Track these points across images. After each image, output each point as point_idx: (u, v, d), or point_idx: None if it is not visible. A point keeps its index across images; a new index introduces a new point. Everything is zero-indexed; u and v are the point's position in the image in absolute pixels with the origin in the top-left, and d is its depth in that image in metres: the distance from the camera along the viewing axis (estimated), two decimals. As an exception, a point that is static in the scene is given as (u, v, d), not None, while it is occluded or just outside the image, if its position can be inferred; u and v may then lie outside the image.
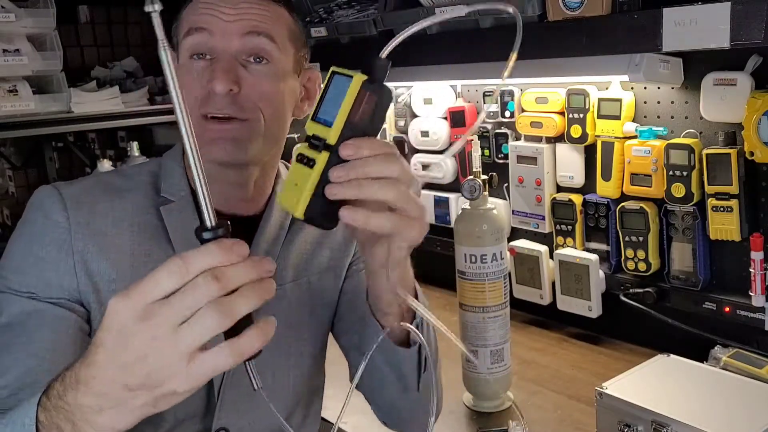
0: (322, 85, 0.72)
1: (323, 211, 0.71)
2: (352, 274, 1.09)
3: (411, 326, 0.89)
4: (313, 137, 0.71)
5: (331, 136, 0.69)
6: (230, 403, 0.96)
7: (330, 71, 0.72)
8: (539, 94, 1.62)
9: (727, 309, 1.37)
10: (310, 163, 0.70)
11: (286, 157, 1.89)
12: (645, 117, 1.48)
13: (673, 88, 1.42)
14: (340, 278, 1.07)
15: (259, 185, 1.00)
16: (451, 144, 1.89)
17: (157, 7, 0.61)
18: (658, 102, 1.46)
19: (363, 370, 0.90)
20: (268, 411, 0.98)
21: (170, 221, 0.95)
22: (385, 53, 0.70)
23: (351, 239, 1.08)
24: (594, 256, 1.54)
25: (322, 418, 1.34)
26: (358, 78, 0.69)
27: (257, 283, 0.58)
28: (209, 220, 0.61)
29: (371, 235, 0.80)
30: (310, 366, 1.06)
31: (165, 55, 0.61)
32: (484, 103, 1.77)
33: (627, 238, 1.51)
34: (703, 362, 1.23)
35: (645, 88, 1.47)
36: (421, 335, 0.89)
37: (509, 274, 1.54)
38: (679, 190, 1.39)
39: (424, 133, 1.92)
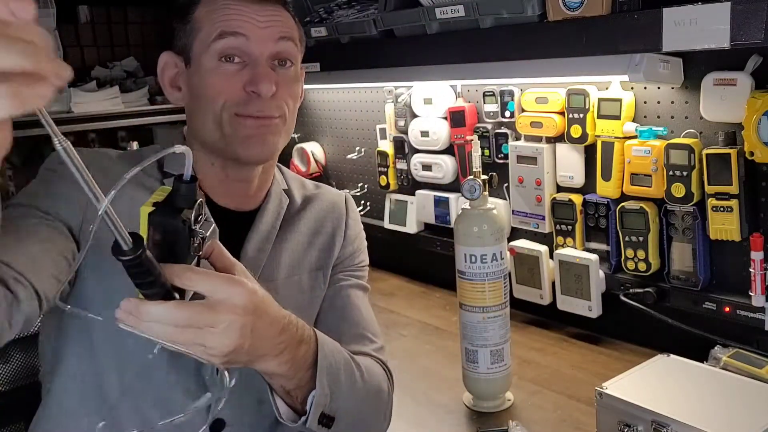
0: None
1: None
2: (334, 282, 1.12)
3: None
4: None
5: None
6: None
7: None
8: (539, 94, 1.62)
9: (727, 309, 1.37)
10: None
11: (285, 158, 1.88)
12: (645, 117, 1.48)
13: (673, 88, 1.42)
14: (326, 278, 1.11)
15: (260, 182, 1.05)
16: (451, 144, 1.89)
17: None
18: (658, 102, 1.46)
19: None
20: (263, 403, 1.00)
21: None
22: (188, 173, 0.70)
23: (336, 242, 1.13)
24: (594, 256, 1.54)
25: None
26: (143, 209, 0.69)
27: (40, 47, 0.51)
28: None
29: None
30: None
31: (65, 149, 0.61)
32: (485, 103, 1.77)
33: (627, 238, 1.51)
34: (703, 362, 1.23)
35: (645, 88, 1.47)
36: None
37: (509, 274, 1.54)
38: (679, 190, 1.39)
39: (424, 133, 1.92)
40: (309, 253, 1.09)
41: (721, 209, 1.34)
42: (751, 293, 1.32)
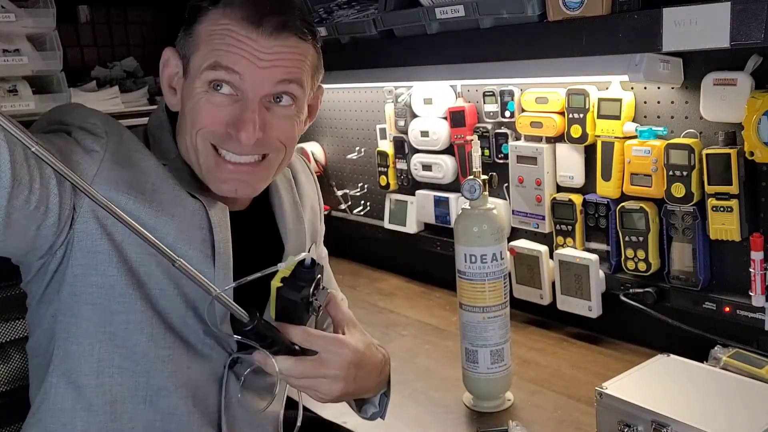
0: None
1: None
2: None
3: None
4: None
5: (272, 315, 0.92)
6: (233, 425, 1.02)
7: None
8: (539, 94, 1.62)
9: (727, 309, 1.37)
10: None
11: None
12: (645, 117, 1.48)
13: (673, 88, 1.42)
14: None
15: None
16: (451, 144, 1.89)
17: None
18: (658, 102, 1.46)
19: None
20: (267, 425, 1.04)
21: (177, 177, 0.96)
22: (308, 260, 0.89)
23: (318, 211, 1.20)
24: (594, 256, 1.54)
25: (323, 418, 1.34)
26: (273, 284, 0.89)
27: None
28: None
29: None
30: None
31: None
32: (485, 103, 1.77)
33: (627, 238, 1.51)
34: (703, 362, 1.23)
35: (645, 88, 1.47)
36: None
37: (509, 274, 1.54)
38: (679, 190, 1.39)
39: (424, 133, 1.92)
40: (309, 225, 1.14)
41: (721, 209, 1.34)
42: (751, 293, 1.32)
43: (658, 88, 1.44)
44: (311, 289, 0.89)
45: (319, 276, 0.89)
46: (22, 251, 0.87)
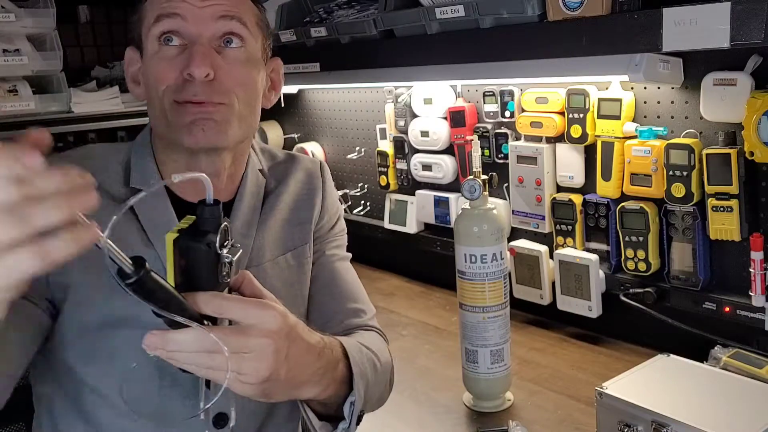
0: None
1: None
2: (317, 257, 1.12)
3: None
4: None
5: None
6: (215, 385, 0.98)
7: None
8: (539, 94, 1.62)
9: (727, 309, 1.37)
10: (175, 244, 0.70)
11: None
12: (645, 117, 1.49)
13: (673, 88, 1.42)
14: (311, 250, 1.11)
15: (230, 174, 1.02)
16: (451, 144, 1.89)
17: None
18: (658, 102, 1.46)
19: None
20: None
21: (141, 211, 0.96)
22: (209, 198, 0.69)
23: (314, 212, 1.12)
24: (594, 256, 1.54)
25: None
26: (168, 236, 0.69)
27: (66, 193, 0.51)
28: None
29: None
30: None
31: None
32: (485, 103, 1.77)
33: (627, 238, 1.51)
34: (703, 362, 1.23)
35: (645, 88, 1.47)
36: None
37: (509, 274, 1.54)
38: (679, 190, 1.39)
39: (424, 133, 1.92)
40: (291, 229, 1.08)
41: (721, 209, 1.34)
42: (751, 293, 1.32)
43: (658, 88, 1.44)
44: (218, 236, 0.69)
45: (226, 223, 0.71)
46: None
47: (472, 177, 1.27)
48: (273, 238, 1.05)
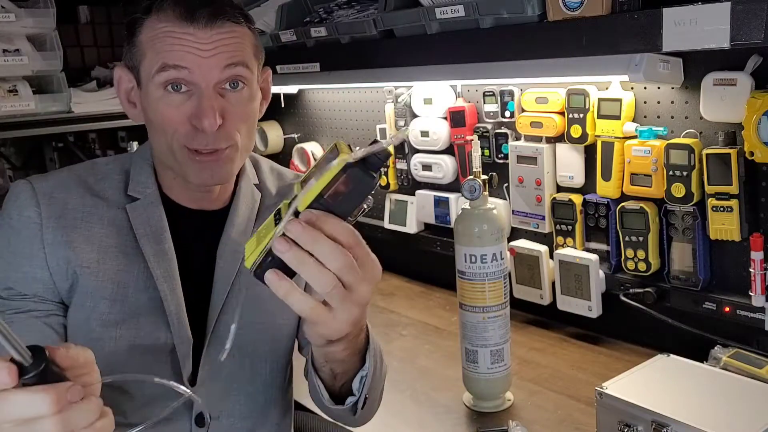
0: (323, 153, 0.70)
1: (268, 267, 0.69)
2: None
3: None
4: (293, 198, 0.70)
5: (302, 202, 0.68)
6: (207, 389, 0.99)
7: (333, 143, 0.71)
8: (539, 94, 1.62)
9: (727, 309, 1.37)
10: (277, 221, 0.69)
11: (285, 158, 1.87)
12: (645, 117, 1.48)
13: (673, 88, 1.42)
14: None
15: (224, 185, 1.05)
16: (451, 144, 1.89)
17: None
18: (658, 102, 1.46)
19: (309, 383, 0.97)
20: (247, 398, 1.01)
21: (134, 218, 0.99)
22: (388, 144, 0.68)
23: None
24: (594, 256, 1.54)
25: (321, 417, 1.34)
26: (343, 158, 0.67)
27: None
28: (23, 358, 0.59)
29: None
30: (285, 354, 1.09)
31: None
32: (485, 103, 1.77)
33: (627, 238, 1.51)
34: (703, 362, 1.23)
35: (645, 88, 1.47)
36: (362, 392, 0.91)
37: (509, 274, 1.54)
38: (679, 190, 1.39)
39: (424, 133, 1.92)
40: None
41: (721, 209, 1.34)
42: (751, 293, 1.32)
43: (658, 88, 1.44)
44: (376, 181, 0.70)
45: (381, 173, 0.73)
46: None
47: (472, 177, 1.27)
48: None
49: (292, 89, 2.32)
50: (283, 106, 2.47)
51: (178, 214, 1.03)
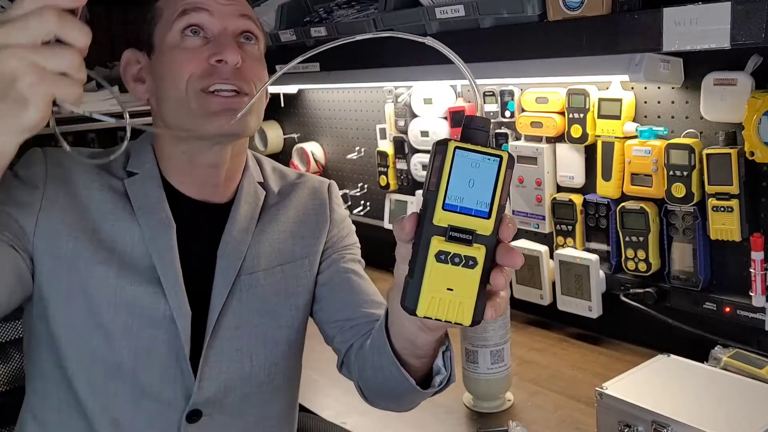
0: (438, 163, 0.62)
1: (482, 309, 0.64)
2: (329, 264, 1.11)
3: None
4: (455, 229, 0.62)
5: (489, 228, 0.62)
6: (205, 390, 0.99)
7: (450, 146, 0.63)
8: (539, 94, 1.61)
9: (728, 309, 1.37)
10: (467, 262, 0.62)
11: (285, 158, 1.87)
12: (645, 117, 1.48)
13: (673, 88, 1.41)
14: (314, 265, 1.10)
15: (229, 171, 1.04)
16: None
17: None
18: (659, 102, 1.46)
19: (372, 372, 0.94)
20: (242, 399, 1.01)
21: (132, 191, 0.99)
22: (480, 112, 0.66)
23: (322, 228, 1.12)
24: (594, 257, 1.54)
25: (321, 417, 1.34)
26: (504, 157, 0.62)
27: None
28: None
29: None
30: (286, 353, 1.07)
31: None
32: (485, 103, 1.76)
33: (627, 238, 1.50)
34: (703, 362, 1.23)
35: (645, 88, 1.47)
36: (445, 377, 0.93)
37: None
38: (679, 190, 1.39)
39: (424, 133, 1.92)
40: (293, 242, 1.08)
41: (722, 209, 1.34)
42: (751, 293, 1.31)
43: (659, 88, 1.44)
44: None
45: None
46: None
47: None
48: (270, 249, 1.06)
49: (292, 89, 2.32)
50: (282, 106, 2.47)
51: (181, 204, 1.02)
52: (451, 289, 0.62)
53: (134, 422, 0.96)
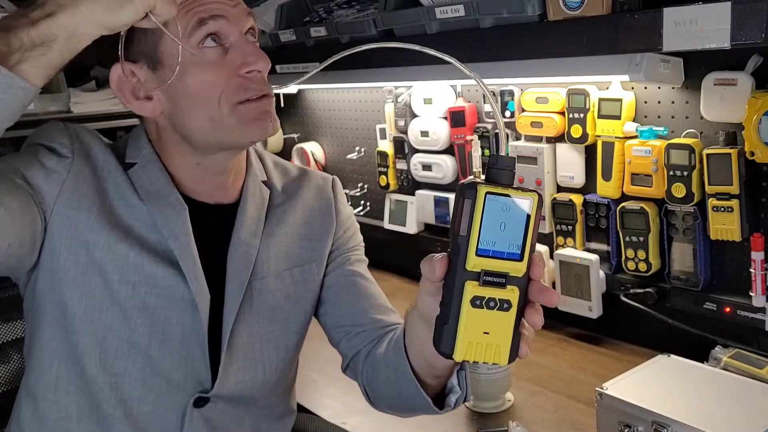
0: (469, 208, 0.62)
1: (517, 347, 0.67)
2: (335, 267, 1.10)
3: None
4: (489, 274, 0.63)
5: (521, 270, 0.64)
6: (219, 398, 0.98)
7: (480, 191, 0.62)
8: (539, 94, 1.61)
9: (728, 309, 1.37)
10: (502, 305, 0.64)
11: (285, 158, 1.88)
12: (645, 117, 1.48)
13: (673, 88, 1.41)
14: (321, 268, 1.09)
15: (235, 171, 1.03)
16: (451, 144, 1.88)
17: None
18: (659, 102, 1.46)
19: (385, 386, 0.95)
20: (249, 401, 1.00)
21: (136, 180, 0.98)
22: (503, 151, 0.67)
23: (329, 230, 1.10)
24: (594, 257, 1.54)
25: (321, 417, 1.34)
26: (534, 198, 0.63)
27: None
28: None
29: None
30: (293, 356, 1.08)
31: None
32: (485, 103, 1.76)
33: (627, 239, 1.50)
34: (703, 362, 1.23)
35: (645, 88, 1.47)
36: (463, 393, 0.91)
37: (509, 274, 1.53)
38: (679, 190, 1.39)
39: (424, 133, 1.92)
40: (300, 245, 1.07)
41: (722, 209, 1.34)
42: (751, 293, 1.31)
43: (659, 88, 1.44)
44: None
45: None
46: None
47: (472, 177, 1.27)
48: (279, 252, 1.04)
49: (291, 89, 2.32)
50: (282, 106, 2.47)
51: (194, 209, 1.00)
52: (488, 333, 0.64)
53: (141, 401, 0.96)
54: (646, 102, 1.48)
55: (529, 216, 0.63)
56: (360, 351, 1.03)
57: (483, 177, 0.66)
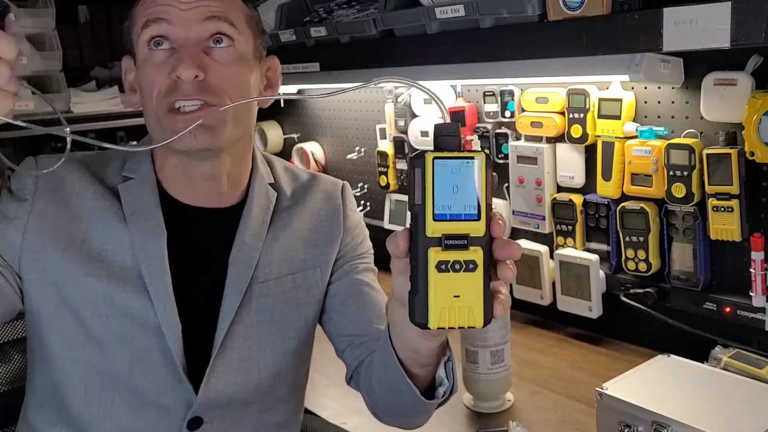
0: (420, 176, 0.64)
1: (491, 307, 0.66)
2: (341, 275, 1.08)
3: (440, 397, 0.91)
4: (449, 237, 0.63)
5: (481, 229, 0.64)
6: (210, 400, 0.97)
7: (428, 158, 0.64)
8: (539, 94, 1.61)
9: (728, 309, 1.37)
10: (467, 266, 0.64)
11: (285, 158, 1.88)
12: (645, 117, 1.48)
13: (673, 88, 1.41)
14: (326, 274, 1.07)
15: (232, 178, 1.01)
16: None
17: None
18: (659, 102, 1.46)
19: (378, 386, 0.94)
20: (245, 407, 1.00)
21: (125, 196, 0.98)
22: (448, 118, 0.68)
23: (335, 236, 1.08)
24: (594, 257, 1.54)
25: (321, 417, 1.34)
26: (481, 157, 0.64)
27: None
28: None
29: None
30: (294, 362, 1.06)
31: None
32: (485, 103, 1.76)
33: (627, 239, 1.50)
34: (703, 362, 1.23)
35: (645, 88, 1.47)
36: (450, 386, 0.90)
37: (509, 274, 1.53)
38: (679, 190, 1.39)
39: (424, 133, 1.92)
40: (305, 250, 1.05)
41: (722, 209, 1.34)
42: (751, 293, 1.31)
43: (659, 88, 1.44)
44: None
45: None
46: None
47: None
48: (282, 256, 1.03)
49: (292, 89, 2.32)
50: (282, 105, 2.47)
51: (184, 213, 0.99)
52: (458, 296, 0.64)
53: (134, 430, 0.95)
54: (646, 102, 1.48)
55: (479, 175, 0.64)
56: (363, 361, 1.02)
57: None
